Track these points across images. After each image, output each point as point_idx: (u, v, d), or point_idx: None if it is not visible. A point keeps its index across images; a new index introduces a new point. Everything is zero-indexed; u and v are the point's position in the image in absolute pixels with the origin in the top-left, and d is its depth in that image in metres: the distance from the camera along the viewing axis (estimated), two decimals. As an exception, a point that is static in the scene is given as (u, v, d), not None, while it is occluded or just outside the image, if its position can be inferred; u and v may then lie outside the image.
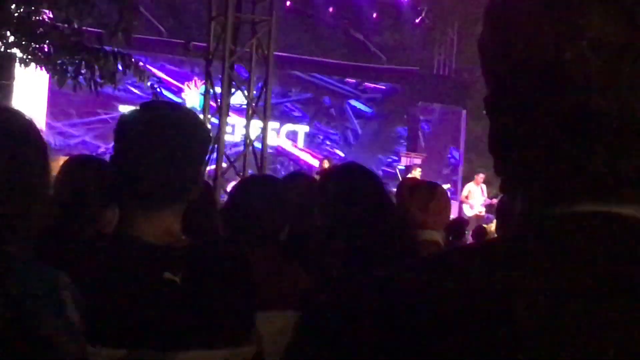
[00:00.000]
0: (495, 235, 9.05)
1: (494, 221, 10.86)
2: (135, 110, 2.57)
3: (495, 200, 15.77)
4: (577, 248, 1.03)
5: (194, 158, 2.50)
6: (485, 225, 11.73)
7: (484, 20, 1.17)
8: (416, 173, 16.94)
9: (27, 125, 2.05)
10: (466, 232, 10.88)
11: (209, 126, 12.13)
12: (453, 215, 13.13)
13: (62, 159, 4.15)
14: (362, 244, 3.41)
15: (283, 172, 21.72)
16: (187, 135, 2.46)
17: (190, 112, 2.69)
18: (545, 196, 1.10)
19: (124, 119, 2.54)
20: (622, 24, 1.04)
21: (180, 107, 2.79)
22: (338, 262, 3.44)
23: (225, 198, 10.90)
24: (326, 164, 17.80)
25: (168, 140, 2.41)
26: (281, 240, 3.92)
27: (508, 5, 1.14)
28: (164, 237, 2.41)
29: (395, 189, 5.02)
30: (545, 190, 1.11)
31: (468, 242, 10.44)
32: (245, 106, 13.01)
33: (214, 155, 12.00)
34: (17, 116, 2.07)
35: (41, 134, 2.09)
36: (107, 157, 2.65)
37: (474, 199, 18.35)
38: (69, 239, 3.30)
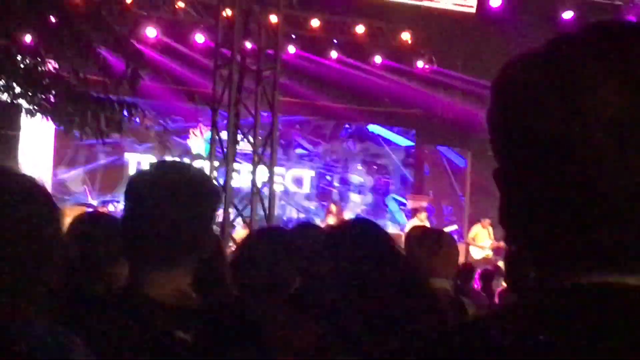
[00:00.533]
0: (503, 281, 9.05)
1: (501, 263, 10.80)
2: (145, 170, 2.60)
3: (502, 243, 15.72)
4: (594, 320, 1.04)
5: (203, 217, 2.51)
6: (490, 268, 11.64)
7: (491, 94, 1.18)
8: (422, 217, 16.84)
9: (34, 186, 2.06)
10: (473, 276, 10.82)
11: (215, 173, 12.15)
12: (461, 258, 13.11)
13: (70, 209, 4.16)
14: (376, 296, 3.40)
15: (290, 216, 21.74)
16: (196, 195, 2.48)
17: (199, 172, 2.72)
18: (557, 266, 1.11)
19: (133, 179, 2.58)
20: (626, 97, 1.04)
21: (188, 167, 2.81)
22: (351, 314, 3.43)
23: (232, 245, 10.94)
24: (334, 208, 17.80)
25: (177, 200, 2.44)
26: (292, 293, 3.92)
27: (517, 79, 1.14)
28: (175, 295, 2.42)
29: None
30: (557, 261, 1.11)
31: (475, 286, 10.40)
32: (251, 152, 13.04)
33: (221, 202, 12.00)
34: (23, 178, 2.08)
35: (47, 192, 2.10)
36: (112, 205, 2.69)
37: (481, 241, 18.27)
38: (80, 297, 3.29)
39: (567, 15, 17.33)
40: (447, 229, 15.17)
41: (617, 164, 1.04)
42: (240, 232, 13.35)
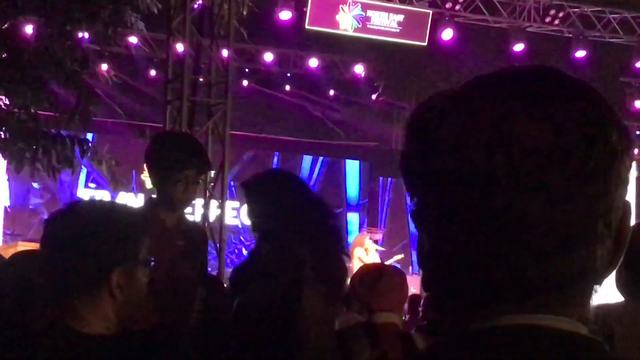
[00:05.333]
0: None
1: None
2: (59, 210, 2.72)
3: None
4: None
5: (115, 250, 2.54)
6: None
7: (405, 135, 1.18)
8: (373, 255, 16.58)
9: None
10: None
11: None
12: (415, 289, 13.08)
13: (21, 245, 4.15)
14: None
15: (244, 250, 21.64)
16: (105, 229, 2.54)
17: (113, 207, 2.74)
18: (468, 309, 1.11)
19: (48, 219, 2.69)
20: (547, 128, 1.05)
21: (102, 203, 2.89)
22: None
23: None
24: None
25: (86, 234, 2.51)
26: None
27: (431, 117, 1.14)
28: (98, 326, 2.47)
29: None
30: (469, 303, 1.11)
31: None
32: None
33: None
34: None
35: None
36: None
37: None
38: (15, 333, 3.29)
39: (519, 47, 17.48)
40: (392, 259, 15.20)
41: (540, 195, 1.04)
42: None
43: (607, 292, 1.25)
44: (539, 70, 1.14)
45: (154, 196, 4.63)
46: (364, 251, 15.37)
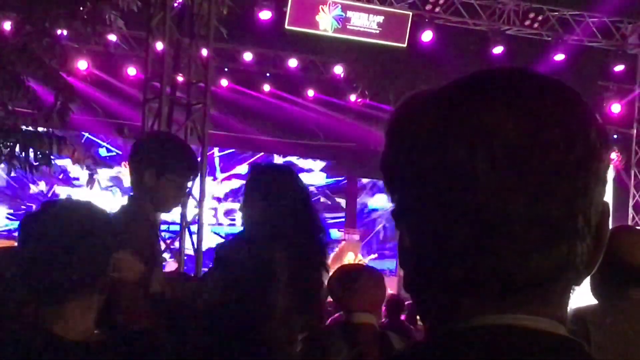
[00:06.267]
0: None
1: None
2: (34, 212, 2.62)
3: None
4: None
5: (93, 253, 2.50)
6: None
7: (386, 139, 1.18)
8: (350, 256, 16.69)
9: None
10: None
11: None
12: (393, 290, 13.11)
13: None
14: None
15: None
16: (85, 232, 2.49)
17: (92, 209, 2.70)
18: (449, 308, 1.12)
19: (24, 219, 2.59)
20: (528, 124, 1.07)
21: (78, 205, 2.82)
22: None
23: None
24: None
25: (62, 238, 2.46)
26: None
27: (413, 113, 1.15)
28: (77, 331, 2.42)
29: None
30: (450, 302, 1.12)
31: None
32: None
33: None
34: None
35: None
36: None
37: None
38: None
39: (498, 50, 17.53)
40: (367, 258, 15.25)
41: (521, 190, 1.05)
42: (171, 265, 13.26)
43: (581, 295, 1.25)
44: (519, 70, 1.15)
45: (136, 194, 4.53)
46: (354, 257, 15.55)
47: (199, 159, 5.56)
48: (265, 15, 16.69)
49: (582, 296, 1.25)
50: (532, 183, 1.06)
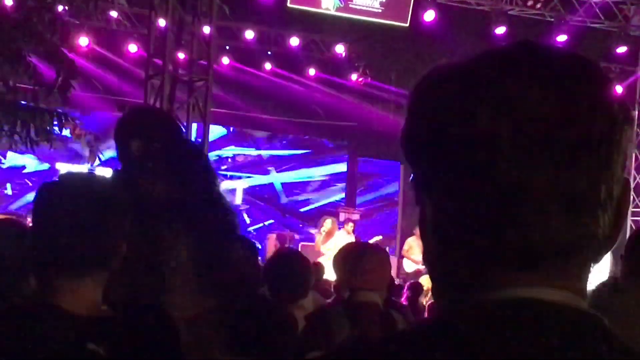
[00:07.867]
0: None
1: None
2: (52, 182, 2.58)
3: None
4: (504, 338, 1.04)
5: (111, 228, 2.49)
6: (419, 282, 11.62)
7: (409, 110, 1.18)
8: (349, 228, 16.78)
9: None
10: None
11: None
12: (393, 272, 13.11)
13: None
14: None
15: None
16: (102, 206, 2.47)
17: (108, 183, 2.70)
18: (472, 280, 1.11)
19: (41, 191, 2.55)
20: (552, 95, 1.06)
21: (96, 178, 2.80)
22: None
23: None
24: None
25: (82, 211, 2.43)
26: None
27: (437, 88, 1.15)
28: (86, 306, 2.40)
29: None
30: (471, 275, 1.11)
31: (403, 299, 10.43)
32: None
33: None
34: None
35: None
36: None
37: (415, 254, 18.22)
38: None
39: (500, 30, 17.50)
40: (371, 240, 15.25)
41: (544, 159, 1.06)
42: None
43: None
44: (543, 44, 1.16)
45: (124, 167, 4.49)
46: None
47: (201, 137, 5.55)
48: (267, -7, 16.67)
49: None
50: (556, 154, 1.06)
